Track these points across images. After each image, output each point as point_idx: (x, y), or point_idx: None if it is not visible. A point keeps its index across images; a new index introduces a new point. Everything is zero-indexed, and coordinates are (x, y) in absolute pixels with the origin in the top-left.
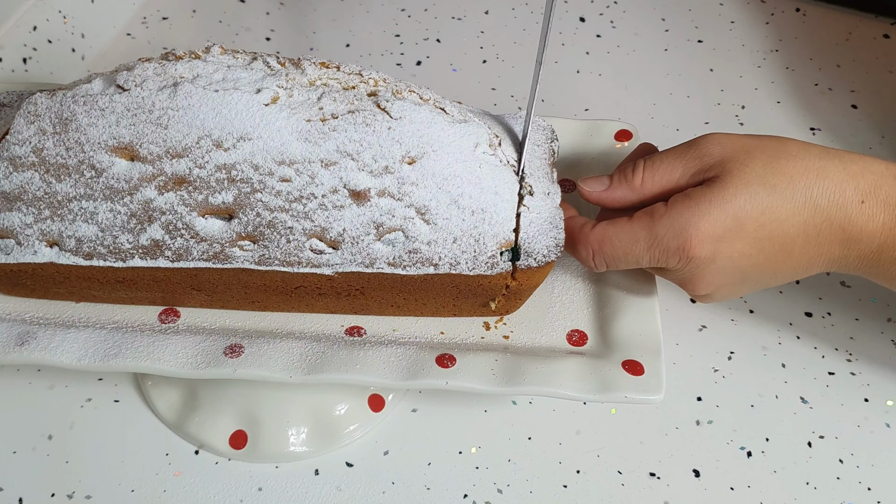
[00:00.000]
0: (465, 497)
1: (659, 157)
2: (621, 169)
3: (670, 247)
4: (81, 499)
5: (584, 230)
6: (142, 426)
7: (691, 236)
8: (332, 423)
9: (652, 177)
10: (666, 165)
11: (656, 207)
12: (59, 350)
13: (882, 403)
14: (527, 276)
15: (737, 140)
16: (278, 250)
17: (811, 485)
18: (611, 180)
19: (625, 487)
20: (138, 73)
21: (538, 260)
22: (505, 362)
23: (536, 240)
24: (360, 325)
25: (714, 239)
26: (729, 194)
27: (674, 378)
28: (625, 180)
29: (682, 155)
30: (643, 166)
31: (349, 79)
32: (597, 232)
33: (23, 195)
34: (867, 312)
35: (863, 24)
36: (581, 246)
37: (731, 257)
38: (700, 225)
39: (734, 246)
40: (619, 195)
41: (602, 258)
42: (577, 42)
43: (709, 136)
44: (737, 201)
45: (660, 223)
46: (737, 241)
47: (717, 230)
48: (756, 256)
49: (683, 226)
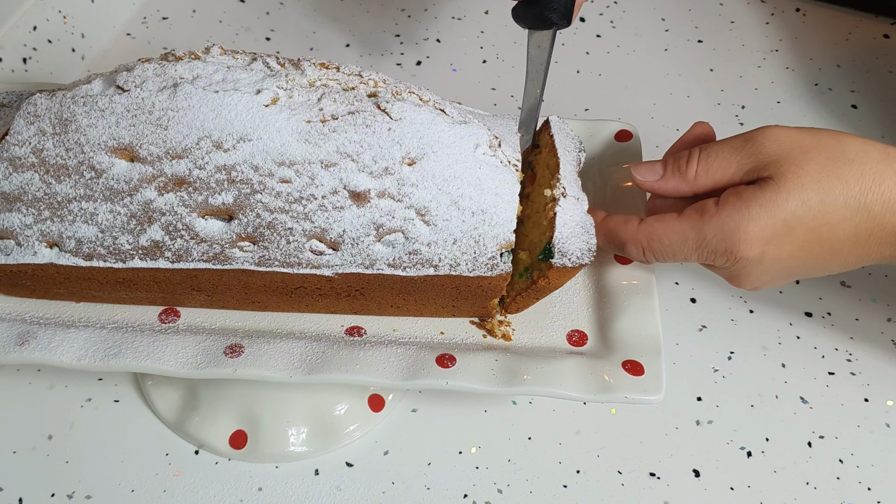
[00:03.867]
0: (465, 497)
1: (714, 151)
2: (676, 158)
3: (718, 248)
4: (81, 499)
5: (630, 227)
6: (142, 426)
7: (740, 240)
8: (332, 423)
9: (706, 171)
10: (721, 160)
11: (707, 206)
12: (59, 350)
13: (882, 403)
14: (558, 276)
15: (795, 136)
16: (278, 251)
17: (811, 485)
18: (664, 169)
19: (625, 487)
20: (138, 74)
21: (572, 261)
22: (505, 362)
23: (570, 241)
24: (360, 325)
25: (762, 242)
26: (781, 199)
27: (674, 378)
28: (678, 172)
29: (739, 150)
30: (697, 158)
31: (349, 80)
32: (645, 229)
33: (23, 196)
34: (867, 312)
35: (863, 24)
36: (630, 244)
37: (779, 258)
38: (749, 229)
39: (783, 248)
40: (672, 186)
41: (651, 254)
42: (577, 42)
43: (766, 131)
44: (788, 206)
45: (709, 224)
46: (785, 244)
47: (767, 234)
48: (804, 257)
49: (733, 229)
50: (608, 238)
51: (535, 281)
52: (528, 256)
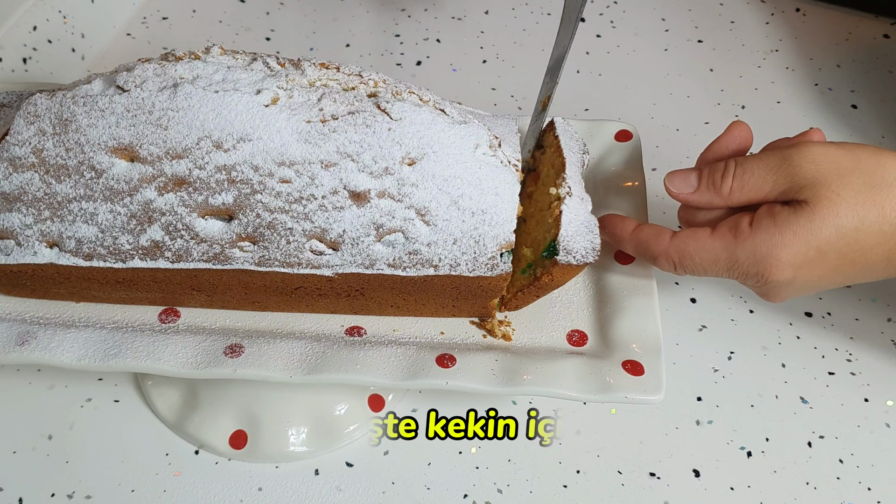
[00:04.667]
0: (465, 497)
1: (750, 168)
2: (711, 171)
3: (749, 271)
4: (81, 499)
5: (662, 241)
6: (142, 426)
7: (771, 265)
8: (332, 423)
9: (741, 188)
10: (756, 179)
11: (741, 228)
12: (59, 350)
13: (882, 403)
14: (562, 273)
15: (832, 157)
16: (278, 251)
17: (811, 485)
18: (698, 181)
19: (625, 487)
20: (138, 74)
21: (577, 259)
22: (505, 362)
23: (575, 239)
24: (360, 325)
25: (794, 267)
26: (815, 227)
27: (674, 378)
28: (713, 186)
29: (775, 169)
30: (733, 174)
31: (349, 80)
32: (677, 245)
33: (23, 196)
34: (867, 312)
35: (863, 24)
36: (662, 259)
37: (809, 280)
38: (781, 255)
39: (813, 272)
40: (706, 200)
41: (683, 269)
42: (577, 42)
43: (804, 150)
44: (822, 234)
45: (742, 247)
46: (816, 268)
47: (798, 260)
48: (835, 278)
49: (765, 254)
50: (639, 249)
51: (538, 277)
52: (532, 253)
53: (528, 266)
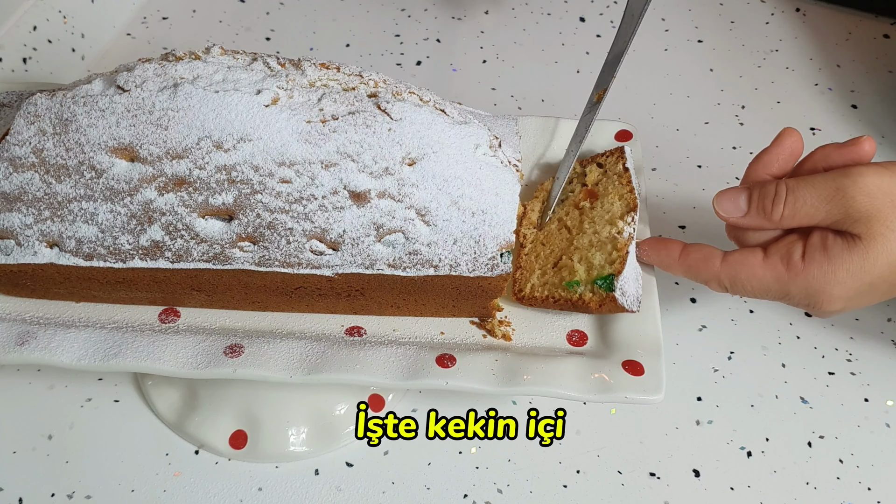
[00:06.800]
0: (465, 497)
1: (802, 196)
2: (761, 196)
3: (800, 303)
4: (81, 499)
5: (713, 265)
6: (142, 426)
7: (823, 301)
8: (332, 423)
9: (792, 216)
10: (809, 208)
11: (793, 260)
12: (59, 350)
13: (882, 403)
14: (608, 308)
15: (887, 188)
16: (278, 251)
17: (811, 485)
18: (748, 204)
19: (625, 487)
20: (138, 74)
21: (628, 303)
22: (505, 362)
23: (629, 283)
24: (360, 325)
25: (846, 300)
26: (869, 264)
27: (674, 378)
28: (763, 212)
29: (828, 200)
30: (784, 201)
31: (349, 80)
32: (728, 272)
33: (23, 196)
34: (867, 312)
35: (863, 24)
36: (713, 283)
37: (859, 305)
38: (834, 291)
39: (863, 300)
40: (756, 224)
41: (734, 292)
42: (577, 42)
43: (859, 182)
44: (875, 271)
45: (794, 282)
46: (866, 298)
47: (850, 294)
48: (881, 298)
49: (817, 290)
50: (689, 273)
51: (581, 297)
52: (585, 273)
53: (575, 283)
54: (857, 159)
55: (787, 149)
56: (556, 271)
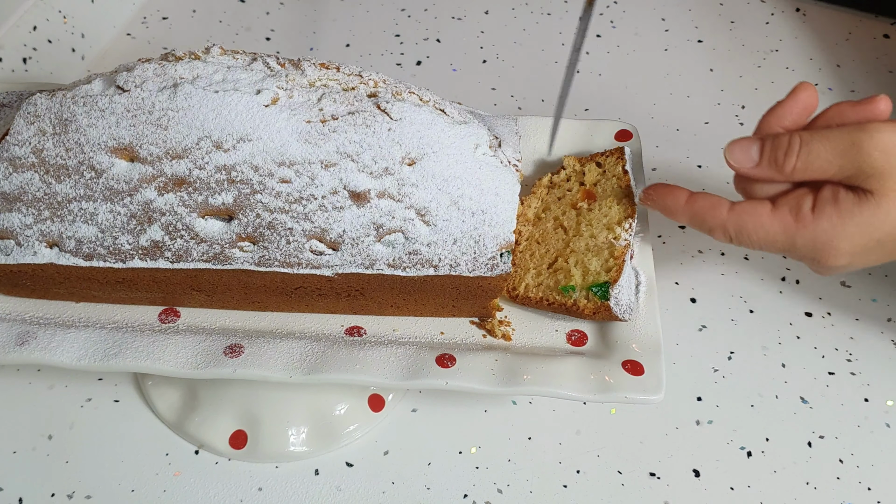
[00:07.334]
0: (465, 497)
1: (816, 149)
2: (774, 147)
3: (806, 256)
4: (81, 499)
5: (719, 213)
6: (142, 426)
7: (829, 254)
8: (332, 423)
9: (805, 169)
10: (822, 162)
11: (802, 211)
12: (59, 350)
13: (882, 403)
14: (602, 315)
15: None
16: (278, 251)
17: (811, 485)
18: (760, 154)
19: (625, 487)
20: (138, 74)
21: (620, 312)
22: (505, 362)
23: (623, 292)
24: (360, 325)
25: (852, 255)
26: (879, 220)
27: (674, 378)
28: (775, 164)
29: (842, 154)
30: (797, 154)
31: (349, 80)
32: (735, 220)
33: (22, 196)
34: (867, 312)
35: (863, 24)
36: (719, 231)
37: (864, 263)
38: (841, 246)
39: (869, 258)
40: (767, 175)
41: (737, 243)
42: None
43: (875, 136)
44: (885, 228)
45: (801, 234)
46: (873, 254)
47: (857, 249)
48: (887, 259)
49: (825, 243)
50: (694, 220)
51: (575, 302)
52: (581, 277)
53: (571, 287)
54: (871, 118)
55: (801, 102)
56: (552, 273)
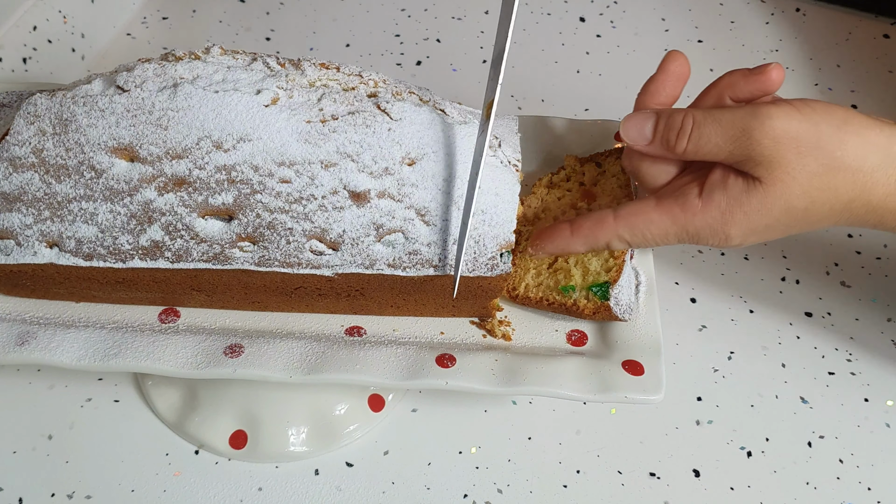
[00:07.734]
0: (465, 497)
1: (707, 132)
2: (667, 126)
3: (700, 240)
4: (81, 499)
5: (607, 225)
6: (142, 426)
7: (721, 239)
8: (332, 423)
9: (696, 150)
10: (712, 146)
11: (689, 201)
12: (59, 350)
13: (882, 403)
14: (602, 315)
15: (794, 133)
16: (278, 251)
17: (811, 485)
18: (653, 134)
19: (625, 487)
20: (138, 74)
21: (620, 312)
22: (505, 362)
23: (623, 292)
24: (360, 325)
25: (743, 237)
26: (766, 208)
27: (674, 378)
28: (667, 144)
29: (733, 140)
30: (688, 136)
31: (349, 80)
32: (623, 225)
33: (22, 196)
34: (867, 312)
35: (863, 24)
36: (615, 241)
37: (760, 240)
38: (731, 231)
39: (764, 236)
40: (657, 153)
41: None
42: (577, 42)
43: (765, 125)
44: (773, 214)
45: (691, 222)
46: (766, 235)
47: (747, 233)
48: (779, 236)
49: (715, 229)
50: (588, 242)
51: (575, 302)
52: (581, 278)
53: (571, 287)
54: (764, 89)
55: (672, 74)
56: (552, 273)
